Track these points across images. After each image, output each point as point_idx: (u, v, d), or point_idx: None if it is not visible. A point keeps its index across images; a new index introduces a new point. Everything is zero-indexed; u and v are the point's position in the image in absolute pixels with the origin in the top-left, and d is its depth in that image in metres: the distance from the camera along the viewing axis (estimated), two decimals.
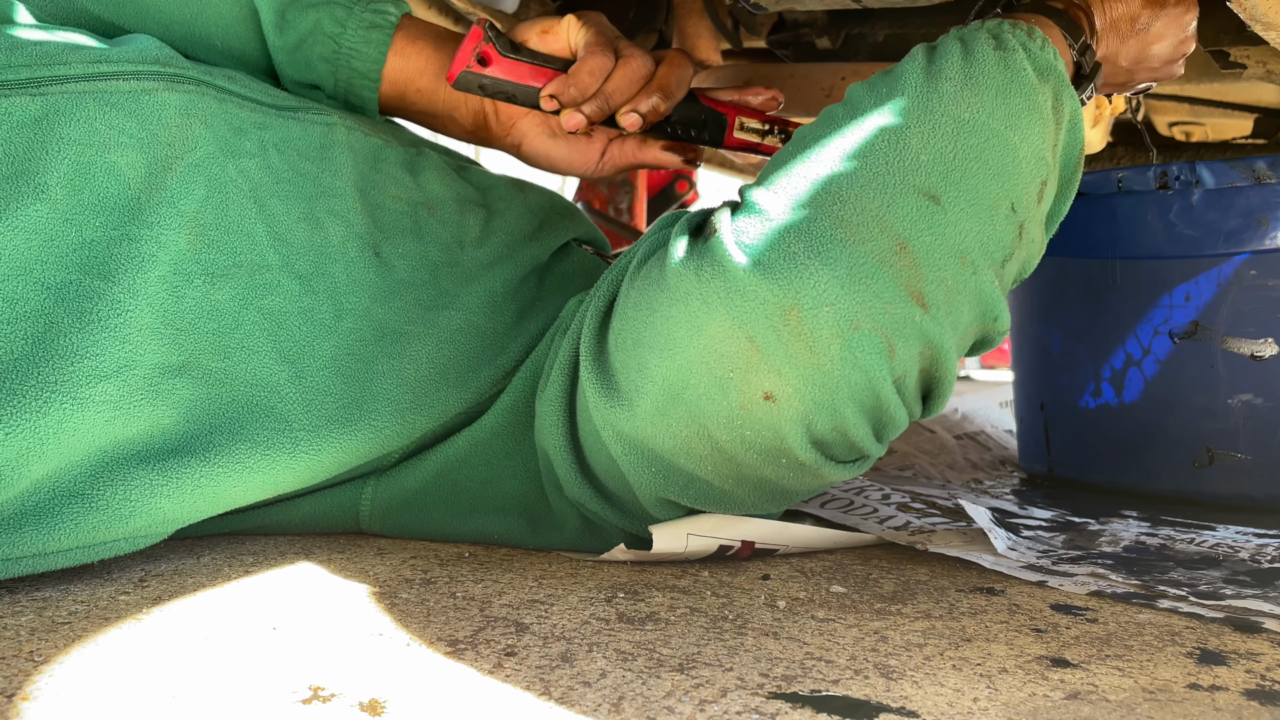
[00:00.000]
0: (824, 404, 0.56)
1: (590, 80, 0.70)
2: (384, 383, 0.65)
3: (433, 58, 0.72)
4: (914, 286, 0.55)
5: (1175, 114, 1.26)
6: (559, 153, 0.76)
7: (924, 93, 0.58)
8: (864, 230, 0.54)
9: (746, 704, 0.44)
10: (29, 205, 0.55)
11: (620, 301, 0.61)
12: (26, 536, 0.54)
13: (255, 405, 0.61)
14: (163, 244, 0.58)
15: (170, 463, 0.58)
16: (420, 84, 0.73)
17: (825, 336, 0.54)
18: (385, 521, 0.70)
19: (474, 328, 0.69)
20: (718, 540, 0.66)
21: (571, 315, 0.70)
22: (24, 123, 0.57)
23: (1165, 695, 0.48)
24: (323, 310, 0.63)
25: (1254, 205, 0.90)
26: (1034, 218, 0.60)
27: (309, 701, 0.43)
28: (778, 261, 0.54)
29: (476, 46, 0.70)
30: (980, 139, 0.57)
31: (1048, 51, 0.60)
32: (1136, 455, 0.97)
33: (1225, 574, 0.70)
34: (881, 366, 0.55)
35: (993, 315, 0.60)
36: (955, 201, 0.56)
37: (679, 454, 0.59)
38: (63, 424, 0.54)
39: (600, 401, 0.60)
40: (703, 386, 0.56)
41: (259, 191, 0.63)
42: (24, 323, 0.54)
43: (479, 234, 0.72)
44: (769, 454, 0.58)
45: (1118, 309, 0.97)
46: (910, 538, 0.74)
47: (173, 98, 0.61)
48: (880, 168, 0.56)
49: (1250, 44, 0.88)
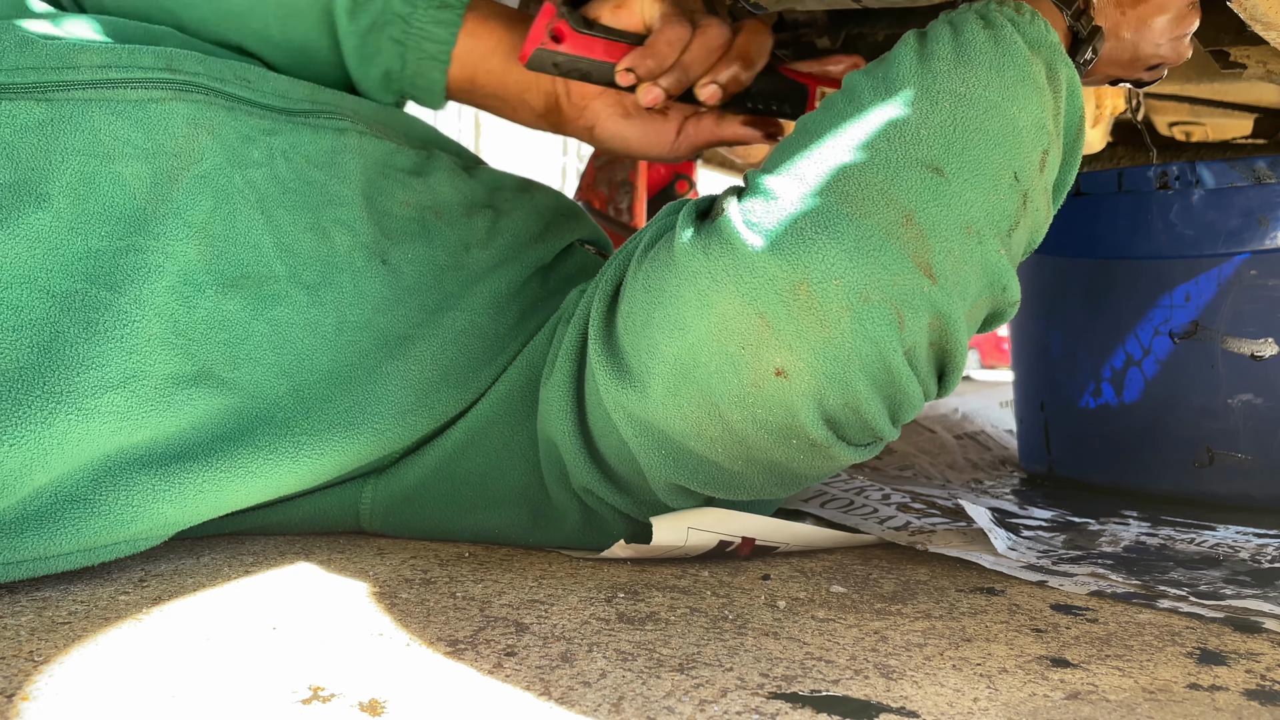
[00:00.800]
0: (835, 377, 0.56)
1: (668, 51, 0.68)
2: (387, 386, 0.65)
3: (504, 38, 0.71)
4: (921, 257, 0.55)
5: (1175, 114, 1.26)
6: (634, 134, 0.75)
7: (918, 73, 0.58)
8: (869, 204, 0.55)
9: (746, 704, 0.44)
10: (31, 213, 0.55)
11: (628, 284, 0.61)
12: (28, 541, 0.54)
13: (258, 412, 0.61)
14: (170, 255, 0.58)
15: (172, 468, 0.58)
16: (491, 65, 0.72)
17: (835, 309, 0.54)
18: (386, 519, 0.70)
19: (477, 328, 0.69)
20: (718, 535, 0.66)
21: (573, 304, 0.70)
22: (28, 126, 0.57)
23: (1165, 695, 0.48)
24: (327, 322, 0.63)
25: (1254, 205, 0.90)
26: (1038, 187, 0.61)
27: (309, 701, 0.43)
28: (786, 238, 0.54)
29: (550, 23, 0.68)
30: (978, 111, 0.57)
31: (1038, 24, 0.61)
32: (1136, 455, 0.97)
33: (1225, 574, 0.70)
34: (892, 337, 0.56)
35: (1000, 285, 0.60)
36: (958, 172, 0.56)
37: (690, 436, 0.59)
38: (67, 435, 0.54)
39: (611, 384, 0.60)
40: (714, 364, 0.56)
41: (265, 202, 0.63)
42: (29, 331, 0.54)
43: (485, 235, 0.72)
44: (780, 432, 0.58)
45: (1118, 309, 0.97)
46: (910, 538, 0.74)
47: (181, 107, 0.61)
48: (882, 145, 0.56)
49: (1250, 44, 0.88)
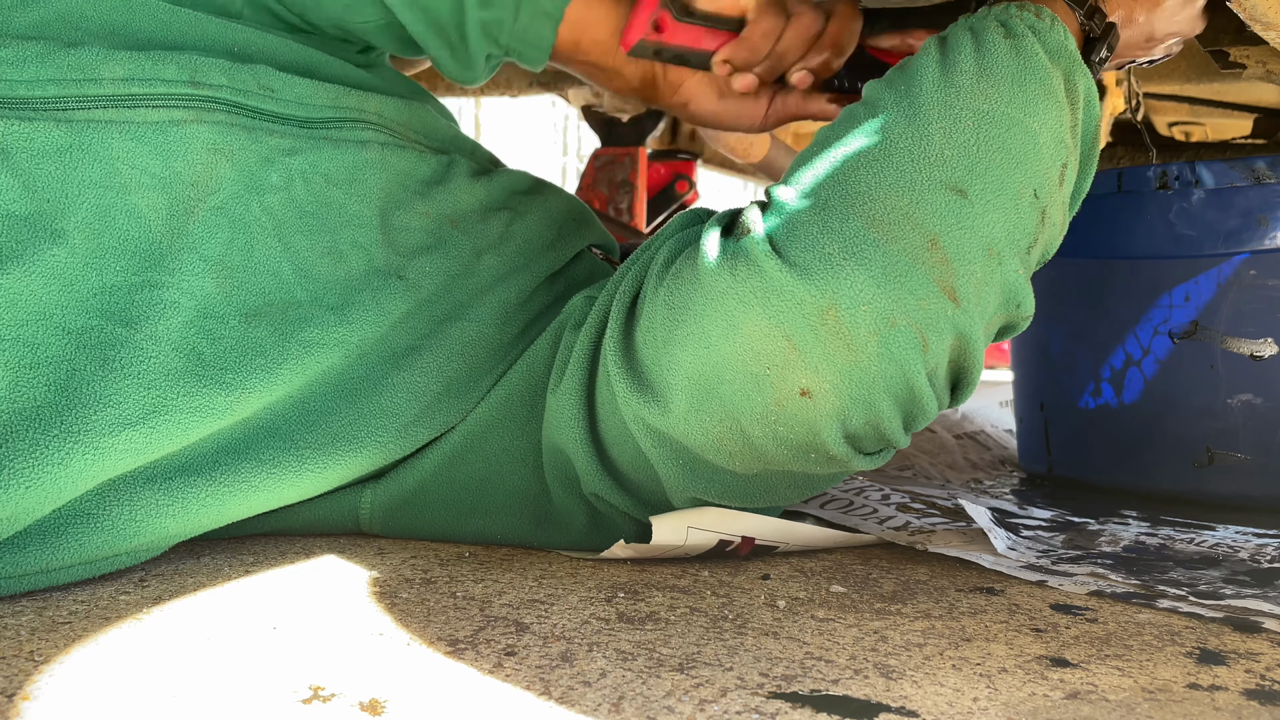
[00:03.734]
0: (860, 399, 0.56)
1: (764, 42, 0.70)
2: (392, 398, 0.65)
3: (612, 10, 0.73)
4: (946, 282, 0.55)
5: (1175, 114, 1.26)
6: (727, 111, 0.76)
7: (941, 87, 0.58)
8: (896, 228, 0.55)
9: (746, 704, 0.44)
10: (47, 250, 0.55)
11: (649, 300, 0.61)
12: (30, 555, 0.54)
13: (263, 426, 0.61)
14: (186, 290, 0.58)
15: (176, 482, 0.58)
16: (597, 35, 0.73)
17: (863, 334, 0.54)
18: (386, 523, 0.70)
19: (484, 339, 0.69)
20: (718, 535, 0.66)
21: (579, 311, 0.69)
22: (47, 152, 0.56)
23: (1165, 695, 0.48)
24: (352, 340, 0.64)
25: (1254, 205, 0.90)
26: (1055, 201, 0.61)
27: (309, 701, 0.43)
28: (814, 263, 0.54)
29: (654, 14, 0.70)
30: (1001, 129, 0.57)
31: (1057, 30, 0.60)
32: (1136, 455, 0.97)
33: (1225, 574, 0.70)
34: (916, 360, 0.56)
35: (1015, 302, 0.60)
36: (981, 194, 0.56)
37: (710, 449, 0.59)
38: (82, 473, 0.53)
39: (631, 397, 0.60)
40: (738, 383, 0.56)
41: (283, 229, 0.63)
42: (45, 369, 0.53)
43: (498, 239, 0.72)
44: (800, 448, 0.58)
45: (1117, 309, 0.97)
46: (910, 538, 0.74)
47: (201, 130, 0.61)
48: (906, 165, 0.56)
49: (1250, 44, 0.88)
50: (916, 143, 0.57)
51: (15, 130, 0.56)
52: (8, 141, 0.56)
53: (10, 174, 0.55)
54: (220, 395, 0.58)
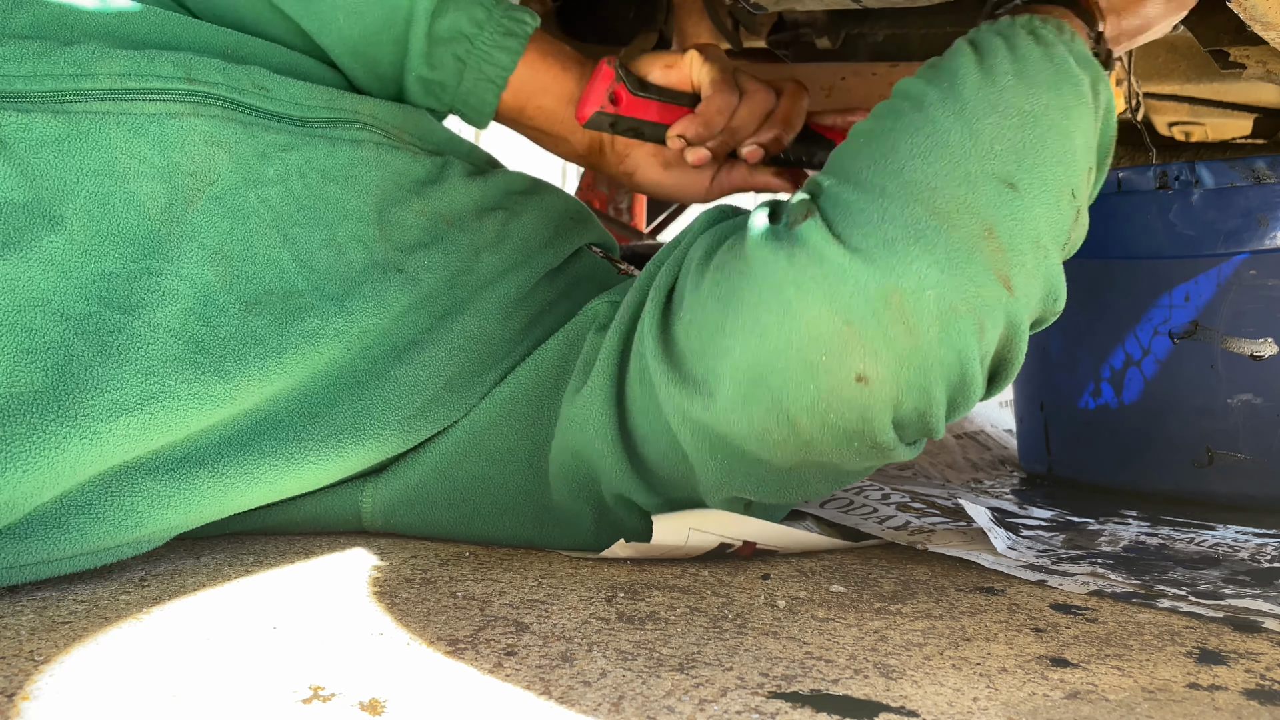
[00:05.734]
0: (915, 385, 0.57)
1: (718, 119, 0.71)
2: (395, 391, 0.65)
3: (559, 77, 0.73)
4: (1001, 270, 0.56)
5: (1175, 114, 1.26)
6: (671, 182, 0.77)
7: (984, 85, 0.59)
8: (956, 217, 0.56)
9: (746, 703, 0.44)
10: (45, 236, 0.55)
11: (689, 291, 0.61)
12: (31, 545, 0.54)
13: (267, 418, 0.61)
14: (185, 278, 0.58)
15: (178, 474, 0.58)
16: (542, 101, 0.73)
17: (926, 319, 0.55)
18: (388, 520, 0.70)
19: (486, 334, 0.69)
20: (719, 538, 0.66)
21: (603, 314, 0.70)
22: (44, 141, 0.57)
23: (1165, 695, 0.48)
24: (352, 331, 0.64)
25: (1254, 205, 0.90)
26: (1084, 202, 0.62)
27: (309, 701, 0.43)
28: (876, 248, 0.55)
29: (610, 87, 0.71)
30: (1043, 129, 0.58)
31: (1078, 43, 0.62)
32: (1136, 455, 0.97)
33: (1225, 574, 0.70)
34: (973, 347, 0.57)
35: (1054, 295, 0.61)
36: (1030, 188, 0.57)
37: (753, 439, 0.59)
38: (80, 458, 0.54)
39: (674, 391, 0.60)
40: (790, 371, 0.56)
41: (281, 220, 0.63)
42: (43, 354, 0.54)
43: (495, 238, 0.72)
44: (847, 435, 0.58)
45: (1117, 309, 0.97)
46: (910, 537, 0.74)
47: (198, 123, 0.61)
48: (960, 157, 0.57)
49: (1250, 44, 0.88)
50: (968, 137, 0.58)
51: (13, 121, 0.57)
52: (5, 132, 0.56)
53: (8, 163, 0.56)
54: (219, 382, 0.58)
